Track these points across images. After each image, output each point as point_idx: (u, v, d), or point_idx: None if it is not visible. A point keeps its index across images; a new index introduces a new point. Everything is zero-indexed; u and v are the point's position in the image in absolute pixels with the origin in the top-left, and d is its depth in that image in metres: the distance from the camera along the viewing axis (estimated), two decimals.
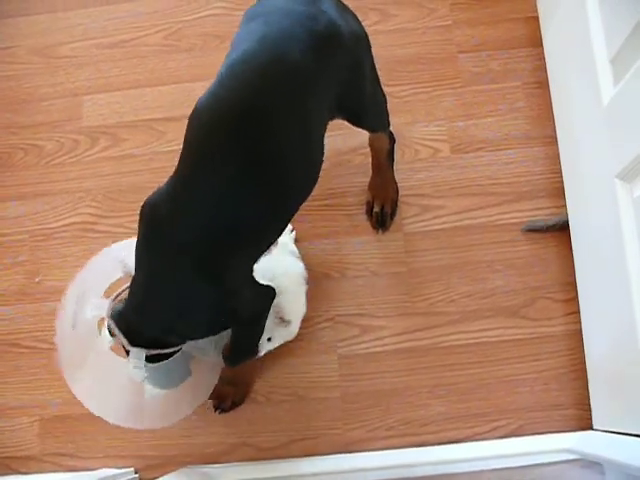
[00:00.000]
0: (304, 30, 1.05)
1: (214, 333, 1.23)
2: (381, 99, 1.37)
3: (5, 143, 1.81)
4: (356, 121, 1.34)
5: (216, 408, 1.52)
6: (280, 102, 1.04)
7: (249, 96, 1.02)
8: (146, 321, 1.14)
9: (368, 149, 1.56)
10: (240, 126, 1.02)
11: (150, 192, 1.22)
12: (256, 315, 1.28)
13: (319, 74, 1.08)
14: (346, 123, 1.31)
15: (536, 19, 1.72)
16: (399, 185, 1.61)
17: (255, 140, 1.03)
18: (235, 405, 1.53)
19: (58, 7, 1.91)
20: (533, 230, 1.58)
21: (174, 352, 1.20)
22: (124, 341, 1.15)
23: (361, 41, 1.19)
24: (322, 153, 1.17)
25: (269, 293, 1.28)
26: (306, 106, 1.08)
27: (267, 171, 1.05)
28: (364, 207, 1.62)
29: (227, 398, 1.52)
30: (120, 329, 1.15)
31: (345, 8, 1.17)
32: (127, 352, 1.17)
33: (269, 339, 1.44)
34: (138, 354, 1.15)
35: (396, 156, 1.57)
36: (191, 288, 1.09)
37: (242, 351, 1.38)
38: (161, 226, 1.08)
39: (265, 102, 1.03)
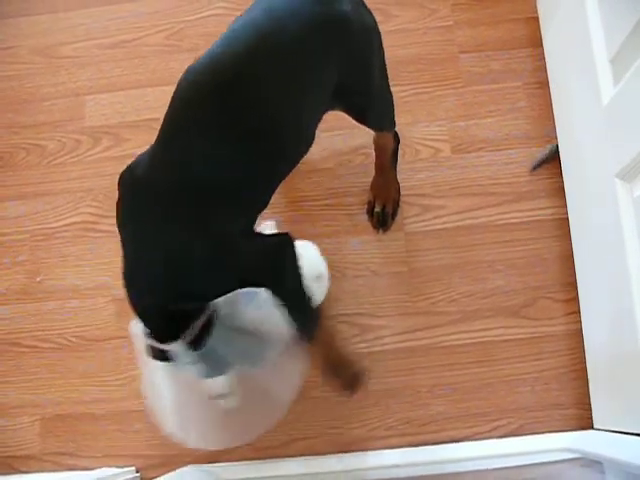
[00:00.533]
0: (310, 10, 1.06)
1: (230, 288, 1.12)
2: (389, 98, 1.37)
3: (7, 143, 1.81)
4: (361, 117, 1.33)
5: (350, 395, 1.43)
6: (273, 71, 1.04)
7: (242, 60, 1.02)
8: (150, 292, 1.07)
9: (368, 149, 1.57)
10: (228, 87, 1.01)
11: None
12: (279, 267, 1.19)
13: (319, 55, 1.08)
14: (347, 123, 1.32)
15: (536, 20, 1.73)
16: (400, 185, 1.62)
17: (242, 101, 1.02)
18: (357, 381, 1.41)
19: (59, 7, 1.92)
20: (540, 166, 1.59)
21: (208, 323, 1.08)
22: (154, 342, 1.07)
23: (371, 35, 1.19)
24: (313, 134, 1.16)
25: (282, 240, 1.20)
26: (300, 81, 1.07)
27: (251, 134, 1.04)
28: (365, 207, 1.62)
29: (348, 383, 1.41)
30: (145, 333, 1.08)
31: (361, 2, 1.18)
32: (166, 357, 1.08)
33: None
34: (177, 347, 1.06)
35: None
36: (183, 247, 1.03)
37: (303, 316, 1.25)
38: (142, 186, 1.06)
39: (258, 68, 1.03)
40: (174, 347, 1.05)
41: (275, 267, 1.17)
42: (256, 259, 1.14)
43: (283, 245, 1.20)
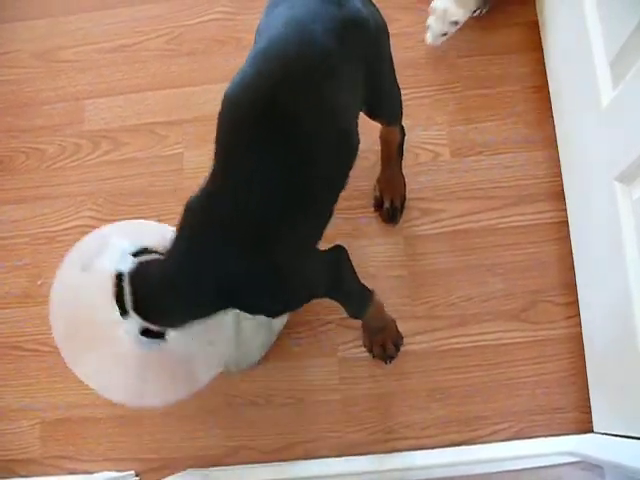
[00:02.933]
0: (328, 14, 1.07)
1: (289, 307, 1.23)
2: (397, 91, 1.38)
3: (6, 147, 1.82)
4: (375, 111, 1.33)
5: (386, 359, 1.53)
6: (307, 86, 1.04)
7: (276, 82, 1.02)
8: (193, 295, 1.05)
9: (367, 153, 1.57)
10: (268, 113, 1.01)
11: (152, 195, 1.20)
12: (338, 281, 1.26)
13: (345, 58, 1.08)
14: None
15: (535, 24, 1.73)
16: None
17: (284, 124, 1.02)
18: (397, 346, 1.53)
19: (58, 11, 1.93)
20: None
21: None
22: (129, 302, 1.05)
23: (383, 31, 1.23)
24: (357, 136, 1.15)
25: (339, 257, 1.27)
26: (332, 89, 1.07)
27: (297, 155, 1.03)
28: (365, 209, 1.63)
29: (386, 344, 1.51)
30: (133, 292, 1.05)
31: (369, 1, 1.20)
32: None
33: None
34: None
35: None
36: (242, 271, 1.04)
37: (356, 305, 1.38)
38: (203, 208, 1.05)
39: (292, 88, 1.03)
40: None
41: (334, 281, 1.24)
42: (316, 278, 1.18)
43: (341, 261, 1.27)
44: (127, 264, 1.07)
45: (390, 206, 1.60)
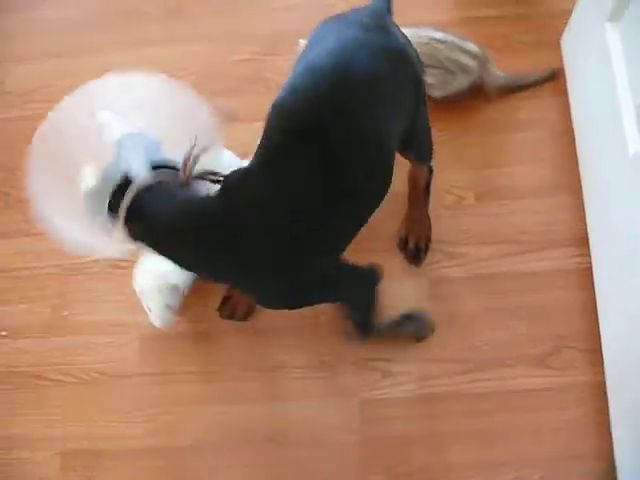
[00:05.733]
0: (377, 41, 1.12)
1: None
2: (429, 130, 1.42)
3: None
4: (406, 146, 1.34)
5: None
6: (350, 104, 1.08)
7: (322, 99, 1.07)
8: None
9: (395, 194, 1.58)
10: (311, 134, 1.05)
11: None
12: (361, 297, 1.35)
13: (388, 84, 1.12)
14: None
15: (561, 70, 1.75)
16: None
17: (324, 138, 1.06)
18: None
19: (97, 48, 1.98)
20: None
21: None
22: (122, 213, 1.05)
23: (422, 70, 1.27)
24: (393, 157, 1.19)
25: (372, 279, 1.31)
26: (374, 111, 1.10)
27: (336, 175, 1.07)
28: (388, 251, 1.64)
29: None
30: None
31: (407, 37, 1.25)
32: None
33: None
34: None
35: None
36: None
37: (360, 328, 1.44)
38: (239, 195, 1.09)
39: (336, 104, 1.07)
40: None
41: (357, 296, 1.34)
42: (340, 294, 1.29)
43: (372, 283, 1.32)
44: (141, 173, 1.06)
45: (415, 246, 1.61)
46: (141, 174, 1.05)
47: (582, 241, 1.59)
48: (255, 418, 1.55)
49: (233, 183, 1.09)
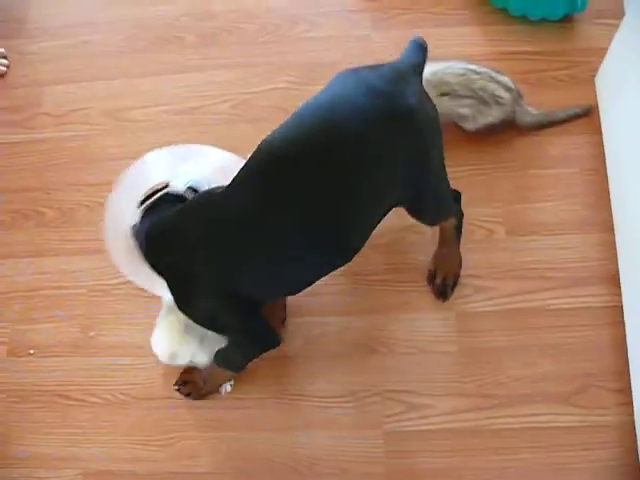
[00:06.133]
0: (375, 106, 1.11)
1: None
2: (445, 192, 1.40)
3: (71, 199, 1.88)
4: (416, 213, 1.37)
5: (178, 386, 1.61)
6: (334, 165, 1.10)
7: (311, 148, 1.10)
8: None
9: (422, 227, 1.58)
10: (280, 179, 1.11)
11: None
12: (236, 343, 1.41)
13: (380, 151, 1.12)
14: None
15: (595, 107, 1.75)
16: None
17: (306, 184, 1.11)
18: (191, 397, 1.60)
19: (134, 73, 2.02)
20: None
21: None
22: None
23: (433, 129, 1.22)
24: (357, 239, 1.24)
25: (260, 340, 1.38)
26: (353, 179, 1.12)
27: (303, 213, 1.13)
28: (418, 284, 1.64)
29: (192, 386, 1.60)
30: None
31: (427, 97, 1.22)
32: None
33: None
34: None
35: None
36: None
37: (226, 358, 1.47)
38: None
39: (318, 159, 1.10)
40: None
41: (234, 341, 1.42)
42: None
43: (253, 343, 1.40)
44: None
45: (442, 283, 1.61)
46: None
47: (613, 279, 1.58)
48: (278, 447, 1.54)
49: (195, 202, 1.24)
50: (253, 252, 1.16)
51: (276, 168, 1.11)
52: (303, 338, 1.62)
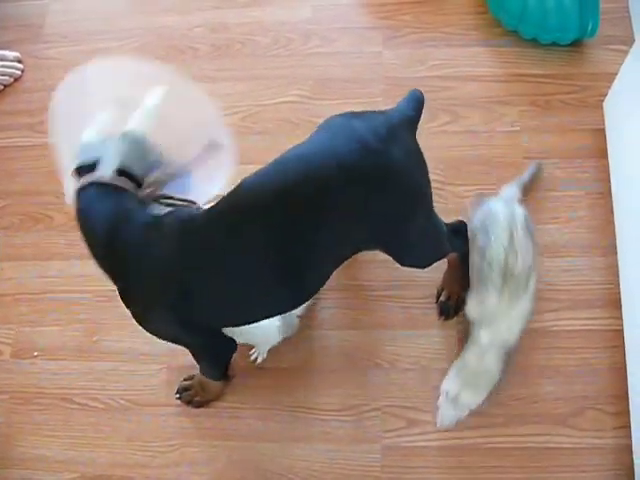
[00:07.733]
0: (357, 162, 1.10)
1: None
2: (432, 240, 1.39)
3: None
4: (398, 260, 1.38)
5: (179, 393, 1.62)
6: (308, 212, 1.11)
7: (285, 191, 1.10)
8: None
9: None
10: (270, 210, 1.11)
11: None
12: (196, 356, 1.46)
13: (354, 206, 1.13)
14: None
15: (602, 131, 1.77)
16: None
17: (280, 227, 1.11)
18: (192, 405, 1.62)
19: None
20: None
21: None
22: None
23: (418, 184, 1.22)
24: (326, 276, 1.24)
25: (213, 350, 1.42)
26: (330, 229, 1.13)
27: (274, 253, 1.13)
28: (422, 300, 1.65)
29: (193, 394, 1.61)
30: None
31: (416, 153, 1.22)
32: None
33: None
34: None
35: None
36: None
37: (200, 368, 1.53)
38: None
39: (296, 205, 1.10)
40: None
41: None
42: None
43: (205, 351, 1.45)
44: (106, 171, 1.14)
45: (445, 301, 1.62)
46: (104, 171, 1.13)
47: (614, 303, 1.59)
48: (276, 458, 1.55)
49: (165, 219, 1.16)
50: (216, 283, 1.16)
51: (252, 212, 1.12)
52: (305, 351, 1.64)
